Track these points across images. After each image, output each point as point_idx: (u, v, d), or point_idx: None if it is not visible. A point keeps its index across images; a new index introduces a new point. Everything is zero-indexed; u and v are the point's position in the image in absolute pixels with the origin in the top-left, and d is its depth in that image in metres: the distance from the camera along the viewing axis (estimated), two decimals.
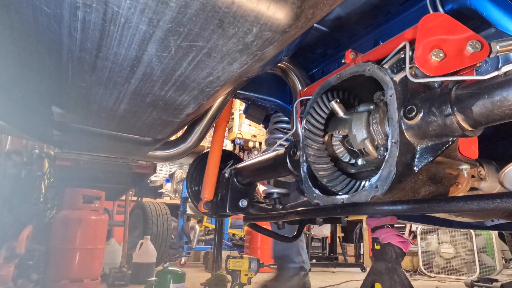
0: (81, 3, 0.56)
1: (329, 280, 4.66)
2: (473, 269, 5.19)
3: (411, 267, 6.05)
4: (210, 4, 0.56)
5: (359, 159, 0.94)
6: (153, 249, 3.90)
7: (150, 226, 4.82)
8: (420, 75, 0.73)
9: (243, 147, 6.37)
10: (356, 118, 0.87)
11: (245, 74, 0.86)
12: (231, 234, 7.15)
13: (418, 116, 0.70)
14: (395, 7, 1.15)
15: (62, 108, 1.00)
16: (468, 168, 0.79)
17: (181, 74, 0.77)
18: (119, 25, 0.61)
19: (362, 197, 0.80)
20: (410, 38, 0.76)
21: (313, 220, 1.75)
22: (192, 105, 0.95)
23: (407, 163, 0.74)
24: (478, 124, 0.66)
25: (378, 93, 0.85)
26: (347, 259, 7.21)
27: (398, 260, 1.52)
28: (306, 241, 6.61)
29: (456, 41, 0.69)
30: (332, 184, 0.92)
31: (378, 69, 0.80)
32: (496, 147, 1.15)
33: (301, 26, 0.66)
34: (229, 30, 0.62)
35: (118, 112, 0.99)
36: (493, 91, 0.61)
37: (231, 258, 2.34)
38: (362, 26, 1.27)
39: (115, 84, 0.83)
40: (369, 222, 1.64)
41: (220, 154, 1.59)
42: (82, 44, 0.67)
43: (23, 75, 0.82)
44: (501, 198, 0.60)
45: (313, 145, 0.97)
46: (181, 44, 0.66)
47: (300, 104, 1.12)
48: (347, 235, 7.57)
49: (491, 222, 1.52)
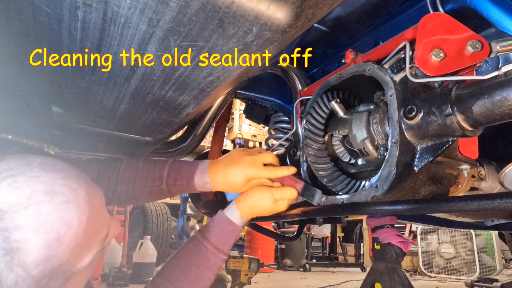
0: (81, 3, 0.56)
1: (329, 280, 4.66)
2: (473, 269, 5.19)
3: (411, 267, 6.05)
4: (210, 4, 0.56)
5: (359, 159, 0.94)
6: (153, 249, 3.90)
7: (150, 226, 4.82)
8: (420, 75, 0.73)
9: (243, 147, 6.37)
10: (356, 118, 0.87)
11: (245, 74, 0.86)
12: None
13: (418, 116, 0.70)
14: (395, 7, 1.15)
15: (62, 108, 1.00)
16: (468, 168, 0.79)
17: (181, 74, 0.77)
18: (119, 25, 0.61)
19: (362, 197, 0.80)
20: (410, 38, 0.76)
21: (313, 220, 1.75)
22: (192, 105, 0.95)
23: (407, 163, 0.74)
24: (478, 124, 0.66)
25: (378, 93, 0.85)
26: (347, 259, 7.21)
27: (398, 260, 1.52)
28: (306, 241, 6.62)
29: (456, 41, 0.69)
30: (332, 184, 0.92)
31: (378, 69, 0.80)
32: (496, 147, 1.15)
33: (301, 26, 0.66)
34: (229, 30, 0.62)
35: (118, 112, 0.99)
36: (493, 91, 0.61)
37: (231, 258, 2.34)
38: (362, 26, 1.27)
39: (115, 84, 0.83)
40: (369, 222, 1.65)
41: (220, 154, 1.59)
42: (82, 43, 0.67)
43: (23, 75, 0.82)
44: (501, 198, 0.60)
45: (313, 145, 0.97)
46: (181, 44, 0.66)
47: (300, 104, 1.12)
48: (347, 235, 7.57)
49: (491, 222, 1.52)
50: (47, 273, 0.55)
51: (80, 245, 0.59)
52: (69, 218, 0.57)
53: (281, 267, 6.10)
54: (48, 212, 0.55)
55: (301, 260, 6.14)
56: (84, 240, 0.59)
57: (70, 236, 0.56)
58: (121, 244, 4.01)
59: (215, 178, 0.96)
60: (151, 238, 4.10)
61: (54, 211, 0.56)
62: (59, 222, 0.56)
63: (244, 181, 0.94)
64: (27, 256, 0.53)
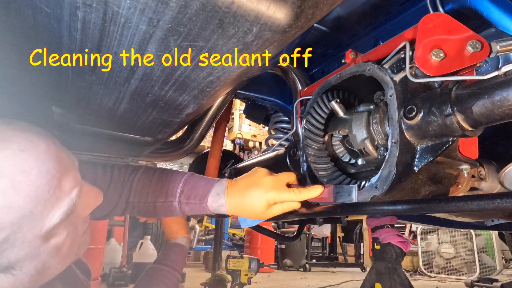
0: (81, 3, 0.56)
1: (329, 280, 4.66)
2: (473, 269, 5.19)
3: (411, 267, 6.05)
4: (210, 4, 0.56)
5: (359, 159, 0.94)
6: (153, 249, 3.90)
7: (150, 226, 4.82)
8: (420, 75, 0.73)
9: (243, 147, 6.38)
10: (356, 118, 0.87)
11: (245, 74, 0.86)
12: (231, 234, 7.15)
13: (418, 116, 0.70)
14: (395, 7, 1.15)
15: (62, 108, 1.00)
16: (468, 168, 0.79)
17: (181, 74, 0.77)
18: (119, 25, 0.61)
19: (362, 197, 0.80)
20: (410, 38, 0.76)
21: (313, 220, 1.75)
22: (192, 105, 0.95)
23: (407, 163, 0.74)
24: (478, 124, 0.66)
25: (378, 93, 0.85)
26: (347, 259, 7.21)
27: (398, 260, 1.52)
28: (306, 241, 6.62)
29: (456, 41, 0.69)
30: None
31: (378, 69, 0.80)
32: (496, 147, 1.15)
33: (301, 26, 0.66)
34: (229, 30, 0.62)
35: (118, 112, 0.99)
36: (493, 91, 0.61)
37: (231, 258, 2.35)
38: (362, 26, 1.27)
39: (115, 84, 0.83)
40: (369, 222, 1.65)
41: (220, 154, 1.59)
42: (82, 44, 0.67)
43: (23, 75, 0.82)
44: (501, 198, 0.60)
45: (313, 145, 0.97)
46: (181, 44, 0.66)
47: (300, 104, 1.12)
48: (347, 235, 7.57)
49: (491, 222, 1.52)
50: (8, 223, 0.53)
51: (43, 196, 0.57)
52: (25, 165, 0.55)
53: (281, 267, 6.11)
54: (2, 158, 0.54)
55: (301, 260, 6.14)
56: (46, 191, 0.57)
57: (28, 184, 0.55)
58: (121, 244, 4.01)
59: (232, 201, 0.84)
60: (151, 238, 4.09)
61: (7, 157, 0.54)
62: (13, 169, 0.54)
63: (265, 207, 0.82)
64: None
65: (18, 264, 0.56)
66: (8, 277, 0.56)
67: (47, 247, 0.60)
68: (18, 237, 0.55)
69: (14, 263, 0.56)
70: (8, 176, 0.53)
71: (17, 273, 0.57)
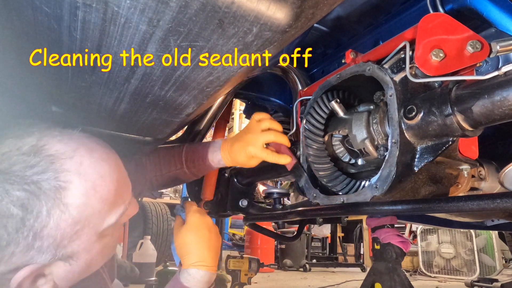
0: (81, 3, 0.56)
1: (329, 280, 4.66)
2: (473, 269, 5.19)
3: (411, 267, 6.05)
4: (210, 4, 0.56)
5: (359, 159, 0.94)
6: (153, 249, 3.90)
7: (150, 226, 4.82)
8: (420, 75, 0.73)
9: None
10: (356, 118, 0.87)
11: (245, 74, 0.86)
12: (231, 234, 7.15)
13: (418, 116, 0.70)
14: (395, 7, 1.15)
15: (62, 108, 0.99)
16: (468, 168, 0.79)
17: (181, 74, 0.77)
18: (119, 25, 0.61)
19: (362, 197, 0.80)
20: (410, 38, 0.75)
21: (313, 220, 1.75)
22: (192, 105, 0.95)
23: (407, 163, 0.74)
24: (478, 124, 0.66)
25: (378, 93, 0.85)
26: (347, 259, 7.21)
27: (398, 260, 1.52)
28: (306, 241, 6.62)
29: (456, 41, 0.69)
30: (332, 184, 0.92)
31: (378, 69, 0.80)
32: (496, 147, 1.15)
33: (301, 26, 0.66)
34: (229, 30, 0.62)
35: (118, 112, 0.99)
36: (493, 91, 0.61)
37: (231, 258, 2.34)
38: (362, 26, 1.27)
39: (115, 84, 0.83)
40: (369, 222, 1.64)
41: None
42: (82, 44, 0.67)
43: (23, 75, 0.82)
44: (501, 198, 0.60)
45: (313, 145, 0.97)
46: (181, 44, 0.66)
47: (300, 104, 1.12)
48: (347, 235, 7.56)
49: (491, 222, 1.53)
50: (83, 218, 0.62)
51: (110, 199, 0.66)
52: (103, 172, 0.66)
53: (281, 267, 6.10)
54: (88, 163, 0.64)
55: (301, 260, 6.14)
56: (113, 196, 0.67)
57: (103, 188, 0.65)
58: (121, 244, 4.01)
59: (226, 155, 1.04)
60: (151, 238, 4.09)
61: (93, 164, 0.65)
62: (96, 174, 0.65)
63: (247, 158, 1.00)
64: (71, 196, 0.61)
65: (76, 255, 0.64)
66: (66, 265, 0.63)
67: (99, 244, 0.68)
68: (85, 231, 0.63)
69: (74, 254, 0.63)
70: (91, 179, 0.64)
71: (73, 263, 0.64)
